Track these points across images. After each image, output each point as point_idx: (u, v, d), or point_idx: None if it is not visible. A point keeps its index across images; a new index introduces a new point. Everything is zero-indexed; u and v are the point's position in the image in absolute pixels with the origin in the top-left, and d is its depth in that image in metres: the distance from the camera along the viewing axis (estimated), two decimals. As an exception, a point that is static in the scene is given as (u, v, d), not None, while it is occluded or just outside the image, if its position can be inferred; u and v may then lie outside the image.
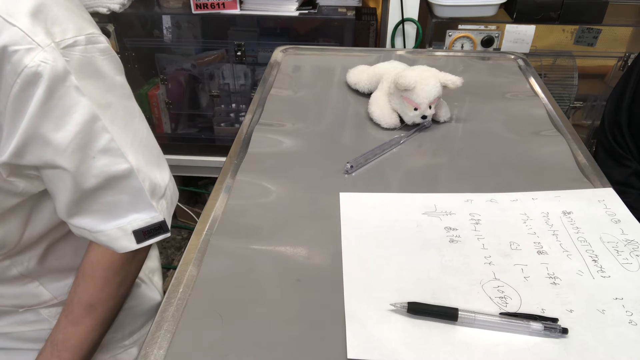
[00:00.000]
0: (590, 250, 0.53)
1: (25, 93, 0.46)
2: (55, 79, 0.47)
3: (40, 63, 0.45)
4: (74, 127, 0.49)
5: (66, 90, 0.48)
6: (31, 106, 0.46)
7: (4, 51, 0.44)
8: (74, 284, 0.61)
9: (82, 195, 0.54)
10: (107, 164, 0.53)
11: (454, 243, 0.54)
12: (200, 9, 1.44)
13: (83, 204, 0.55)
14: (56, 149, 0.49)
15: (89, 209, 0.56)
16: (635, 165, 0.97)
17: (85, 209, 0.56)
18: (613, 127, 1.00)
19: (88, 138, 0.51)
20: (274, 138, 0.73)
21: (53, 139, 0.49)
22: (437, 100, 0.74)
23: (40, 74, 0.46)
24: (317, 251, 0.53)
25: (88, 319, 0.60)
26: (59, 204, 0.56)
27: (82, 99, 0.49)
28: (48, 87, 0.46)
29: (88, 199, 0.55)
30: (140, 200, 0.56)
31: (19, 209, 0.57)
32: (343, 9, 1.49)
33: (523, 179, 0.65)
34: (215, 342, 0.44)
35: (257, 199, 0.61)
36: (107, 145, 0.52)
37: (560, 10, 1.35)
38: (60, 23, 0.49)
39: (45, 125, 0.48)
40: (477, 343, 0.44)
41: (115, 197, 0.55)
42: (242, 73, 1.64)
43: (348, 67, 0.88)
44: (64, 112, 0.48)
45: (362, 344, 0.43)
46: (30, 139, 0.48)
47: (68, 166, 0.51)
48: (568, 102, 1.55)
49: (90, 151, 0.51)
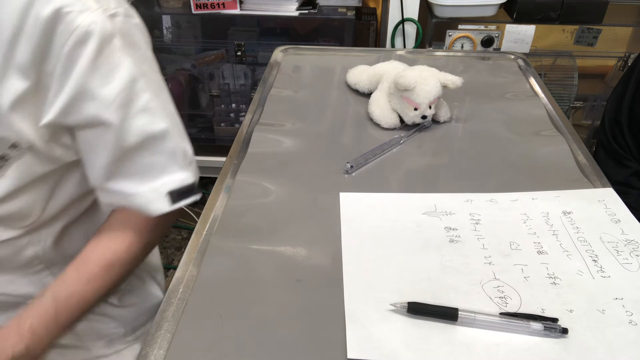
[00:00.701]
0: (590, 250, 0.53)
1: (76, 51, 0.50)
2: (104, 38, 0.51)
3: (90, 23, 0.49)
4: (118, 83, 0.53)
5: (112, 50, 0.52)
6: (80, 63, 0.50)
7: (58, 12, 0.48)
8: (95, 241, 0.60)
9: (121, 155, 0.56)
10: (146, 123, 0.55)
11: (454, 243, 0.54)
12: (200, 9, 1.44)
13: (121, 165, 0.57)
14: (102, 103, 0.52)
15: (126, 172, 0.57)
16: (636, 165, 0.97)
17: (122, 172, 0.57)
18: (613, 127, 1.00)
19: (130, 95, 0.54)
20: (274, 138, 0.73)
21: (100, 94, 0.52)
22: (437, 100, 0.74)
23: (90, 33, 0.49)
24: (317, 251, 0.53)
25: (102, 280, 0.59)
26: (96, 167, 0.57)
27: (126, 59, 0.53)
28: (97, 45, 0.50)
29: (126, 159, 0.56)
30: (173, 161, 0.59)
31: (48, 178, 0.59)
32: (343, 9, 1.49)
33: (523, 179, 0.65)
34: (215, 342, 0.44)
35: (257, 199, 0.61)
36: (146, 104, 0.55)
37: (560, 10, 1.35)
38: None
39: (93, 81, 0.51)
40: (477, 343, 0.44)
41: (151, 158, 0.57)
42: (242, 73, 1.64)
43: (348, 67, 0.88)
44: (110, 69, 0.52)
45: (362, 344, 0.43)
46: (78, 95, 0.51)
47: (113, 120, 0.53)
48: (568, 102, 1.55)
49: (131, 109, 0.54)
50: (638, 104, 0.96)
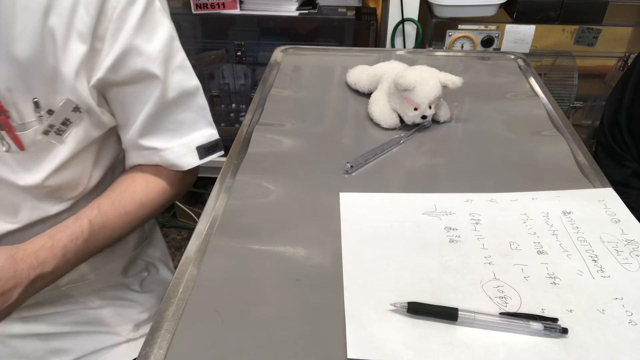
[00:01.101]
0: (590, 250, 0.53)
1: (126, 12, 0.54)
2: (148, 1, 0.56)
3: None
4: (161, 40, 0.58)
5: (155, 11, 0.57)
6: (129, 22, 0.55)
7: None
8: (130, 180, 0.63)
9: (160, 109, 0.60)
10: (183, 78, 0.60)
11: (454, 243, 0.54)
12: (200, 9, 1.43)
13: (158, 120, 0.60)
14: (149, 57, 0.57)
15: (161, 127, 0.61)
16: (635, 165, 0.97)
17: (158, 127, 0.61)
18: (612, 127, 1.00)
19: (170, 52, 0.59)
20: (274, 138, 0.73)
21: (146, 49, 0.56)
22: (437, 100, 0.74)
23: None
24: (317, 251, 0.53)
25: (133, 215, 0.61)
26: (135, 123, 0.60)
27: (165, 20, 0.59)
28: (144, 6, 0.56)
29: (164, 113, 0.60)
30: (202, 118, 0.63)
31: (95, 144, 0.63)
32: (343, 9, 1.49)
33: (523, 179, 0.65)
34: (215, 342, 0.44)
35: (257, 199, 0.61)
36: (182, 62, 0.61)
37: (560, 10, 1.35)
38: None
39: (140, 38, 0.56)
40: (477, 343, 0.44)
41: (184, 113, 0.62)
42: (242, 73, 1.64)
43: (348, 67, 0.88)
44: (154, 27, 0.57)
45: (362, 344, 0.43)
46: (127, 52, 0.55)
47: (158, 73, 0.57)
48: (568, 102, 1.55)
49: (171, 64, 0.59)
50: (637, 105, 0.96)
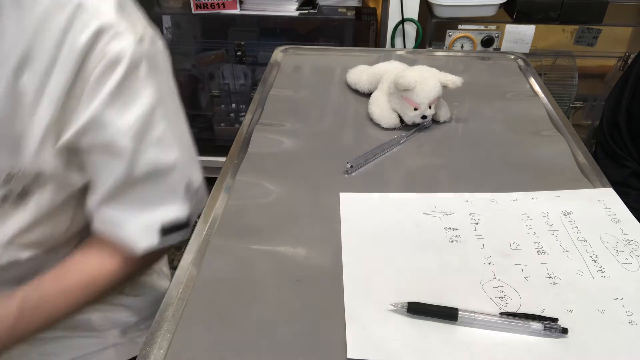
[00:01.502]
0: (590, 250, 0.53)
1: (103, 77, 0.50)
2: (132, 64, 0.51)
3: (122, 49, 0.50)
4: (137, 112, 0.52)
5: (137, 77, 0.52)
6: (104, 90, 0.50)
7: (93, 40, 0.48)
8: (81, 254, 0.58)
9: (125, 183, 0.55)
10: (156, 154, 0.55)
11: (454, 243, 0.54)
12: (200, 9, 1.44)
13: (122, 192, 0.55)
14: (117, 131, 0.52)
15: (125, 199, 0.56)
16: (634, 165, 0.97)
17: (121, 199, 0.56)
18: (612, 127, 1.00)
19: (147, 125, 0.53)
20: (274, 138, 0.73)
21: (116, 122, 0.51)
22: (437, 100, 0.74)
23: (120, 59, 0.50)
24: (317, 251, 0.53)
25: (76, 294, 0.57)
26: (97, 191, 0.56)
27: (148, 87, 0.53)
28: (125, 71, 0.50)
29: (129, 187, 0.55)
30: (173, 195, 0.58)
31: (69, 203, 0.59)
32: (343, 9, 1.49)
33: (523, 179, 0.65)
34: (215, 342, 0.44)
35: (257, 199, 0.61)
36: (160, 135, 0.55)
37: (560, 10, 1.35)
38: (133, 19, 0.53)
39: (113, 107, 0.51)
40: (477, 343, 0.44)
41: (152, 190, 0.56)
42: (242, 73, 1.64)
43: (348, 67, 0.88)
44: (132, 97, 0.52)
45: (362, 344, 0.43)
46: (97, 119, 0.51)
47: (126, 148, 0.52)
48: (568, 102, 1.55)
49: (146, 138, 0.54)
50: (636, 105, 0.96)
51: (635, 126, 0.96)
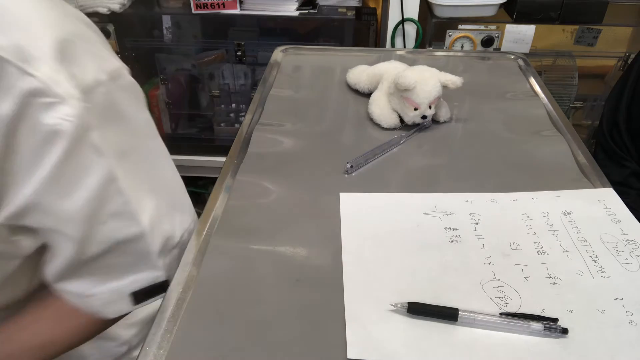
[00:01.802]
0: (590, 250, 0.53)
1: (41, 151, 0.41)
2: (75, 138, 0.41)
3: (60, 121, 0.40)
4: (85, 192, 0.44)
5: (84, 151, 0.43)
6: (43, 168, 0.41)
7: (21, 107, 0.39)
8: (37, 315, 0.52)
9: (80, 262, 0.48)
10: (116, 228, 0.48)
11: (454, 243, 0.54)
12: (200, 9, 1.43)
13: (79, 269, 0.49)
14: (62, 216, 0.44)
15: (84, 273, 0.49)
16: (634, 165, 0.97)
17: (80, 273, 0.49)
18: (611, 127, 1.00)
19: (100, 203, 0.45)
20: (274, 138, 0.73)
21: (61, 206, 0.43)
22: (437, 100, 0.74)
23: (59, 133, 0.41)
24: (317, 251, 0.53)
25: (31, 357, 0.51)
26: (50, 266, 0.49)
27: (99, 159, 0.44)
28: (66, 148, 0.41)
29: (86, 264, 0.49)
30: (145, 261, 0.51)
31: (25, 265, 0.52)
32: (343, 9, 1.49)
33: (523, 179, 0.65)
34: (215, 342, 0.44)
35: (257, 199, 0.61)
36: (119, 208, 0.47)
37: (560, 10, 1.35)
38: (80, 62, 0.43)
39: (55, 191, 0.43)
40: (477, 343, 0.44)
41: (117, 259, 0.50)
42: (242, 73, 1.64)
43: (348, 67, 0.88)
44: (78, 176, 0.43)
45: (362, 344, 0.43)
46: (35, 204, 0.43)
47: (72, 234, 0.45)
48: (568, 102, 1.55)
49: (99, 216, 0.46)
50: (635, 105, 0.96)
51: (635, 126, 0.96)
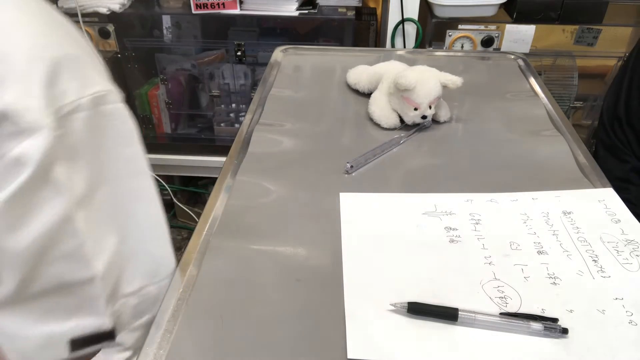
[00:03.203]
0: (590, 250, 0.53)
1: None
2: (37, 172, 0.38)
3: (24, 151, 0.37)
4: (36, 229, 0.40)
5: (44, 186, 0.39)
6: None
7: None
8: None
9: (19, 298, 0.43)
10: (65, 270, 0.43)
11: (454, 243, 0.54)
12: (200, 9, 1.43)
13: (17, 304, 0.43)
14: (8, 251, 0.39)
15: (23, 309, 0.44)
16: (635, 161, 0.97)
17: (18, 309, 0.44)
18: (613, 121, 1.01)
19: (50, 242, 0.41)
20: (274, 138, 0.73)
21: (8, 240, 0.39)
22: (437, 100, 0.74)
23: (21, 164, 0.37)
24: (317, 251, 0.53)
25: None
26: None
27: (58, 198, 0.40)
28: (25, 180, 0.38)
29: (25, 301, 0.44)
30: (91, 306, 0.46)
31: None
32: (343, 9, 1.49)
33: (523, 179, 0.65)
34: (215, 342, 0.44)
35: (257, 199, 0.61)
36: (71, 250, 0.43)
37: (560, 10, 1.35)
38: (61, 84, 0.40)
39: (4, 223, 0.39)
40: (477, 343, 0.44)
41: (61, 300, 0.45)
42: (242, 73, 1.64)
43: (348, 67, 0.88)
44: (31, 211, 0.39)
45: (362, 344, 0.43)
46: None
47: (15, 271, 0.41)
48: (568, 102, 1.55)
49: (48, 256, 0.42)
50: (634, 98, 0.96)
51: (634, 119, 0.97)
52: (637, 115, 0.96)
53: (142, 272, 0.50)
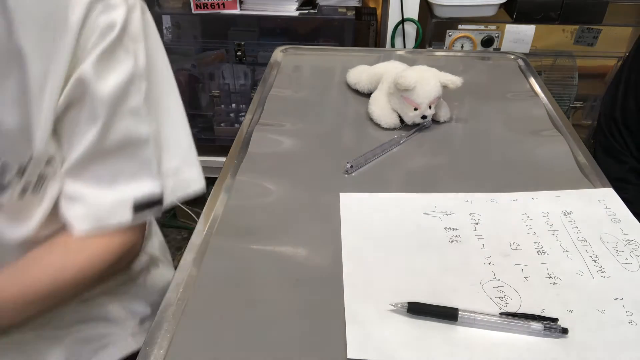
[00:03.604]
0: (590, 250, 0.53)
1: (96, 44, 0.51)
2: (121, 34, 0.52)
3: (113, 19, 0.51)
4: (117, 78, 0.53)
5: (123, 45, 0.53)
6: (91, 57, 0.51)
7: (87, 10, 0.50)
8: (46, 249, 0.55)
9: (96, 154, 0.54)
10: (130, 126, 0.54)
11: (454, 243, 0.54)
12: (200, 9, 1.44)
13: (92, 164, 0.55)
14: (98, 94, 0.52)
15: (94, 173, 0.55)
16: (632, 161, 0.97)
17: (91, 172, 0.55)
18: (610, 123, 1.01)
19: (123, 95, 0.53)
20: (274, 138, 0.73)
21: (99, 84, 0.52)
22: (437, 100, 0.74)
23: (112, 27, 0.51)
24: (317, 251, 0.53)
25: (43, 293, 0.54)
26: (67, 161, 0.55)
27: (131, 57, 0.53)
28: (113, 39, 0.51)
29: (99, 159, 0.55)
30: (146, 170, 0.57)
31: None
32: (343, 9, 1.49)
33: (523, 179, 0.65)
34: (215, 342, 0.44)
35: (257, 199, 0.61)
36: (135, 107, 0.54)
37: (560, 10, 1.35)
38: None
39: (96, 71, 0.51)
40: (477, 343, 0.44)
41: (123, 164, 0.56)
42: (242, 73, 1.64)
43: (348, 67, 0.88)
44: (115, 63, 0.52)
45: (362, 344, 0.43)
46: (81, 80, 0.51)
47: (102, 112, 0.52)
48: (568, 102, 1.55)
49: (120, 108, 0.54)
50: (630, 100, 0.97)
51: (631, 120, 0.97)
52: (634, 117, 0.96)
53: (176, 156, 0.60)
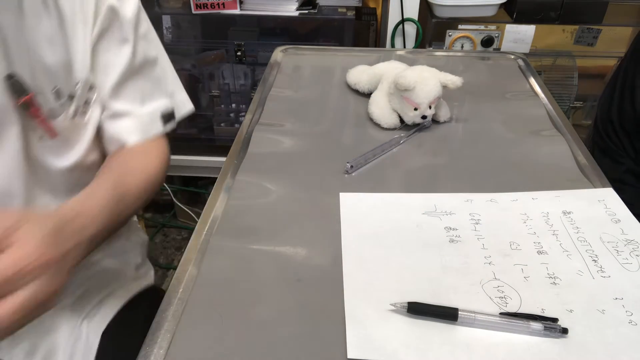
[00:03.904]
0: (590, 250, 0.53)
1: None
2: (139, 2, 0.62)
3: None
4: (133, 6, 0.62)
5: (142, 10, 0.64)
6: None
7: None
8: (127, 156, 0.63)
9: (129, 72, 0.63)
10: (145, 46, 0.64)
11: (454, 243, 0.54)
12: (200, 9, 1.43)
13: (127, 82, 0.63)
14: (124, 17, 0.61)
15: (130, 91, 0.64)
16: (629, 162, 0.97)
17: (128, 89, 0.64)
18: (606, 125, 1.01)
19: (138, 20, 0.63)
20: (274, 138, 0.73)
21: (123, 9, 0.61)
22: (437, 100, 0.74)
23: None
24: (317, 251, 0.53)
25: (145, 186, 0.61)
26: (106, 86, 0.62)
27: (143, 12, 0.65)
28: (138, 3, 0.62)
29: (130, 81, 0.63)
30: (160, 88, 0.68)
31: None
32: (343, 9, 1.49)
33: (523, 179, 0.65)
34: (215, 342, 0.44)
35: (257, 199, 0.61)
36: (147, 31, 0.65)
37: (560, 10, 1.35)
38: None
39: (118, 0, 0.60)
40: (477, 343, 0.44)
41: (144, 83, 0.65)
42: (242, 73, 1.64)
43: (348, 67, 0.88)
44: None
45: (362, 344, 0.43)
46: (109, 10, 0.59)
47: (130, 38, 0.62)
48: (568, 102, 1.55)
49: (138, 30, 0.63)
50: (626, 102, 0.97)
51: (626, 122, 0.97)
52: (630, 119, 0.96)
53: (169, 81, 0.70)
